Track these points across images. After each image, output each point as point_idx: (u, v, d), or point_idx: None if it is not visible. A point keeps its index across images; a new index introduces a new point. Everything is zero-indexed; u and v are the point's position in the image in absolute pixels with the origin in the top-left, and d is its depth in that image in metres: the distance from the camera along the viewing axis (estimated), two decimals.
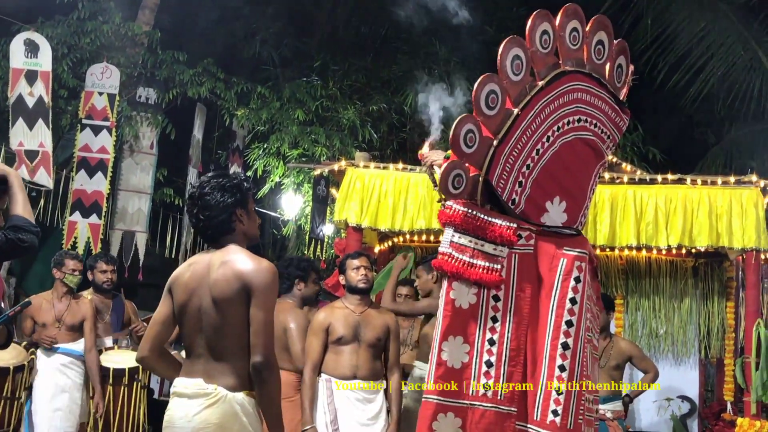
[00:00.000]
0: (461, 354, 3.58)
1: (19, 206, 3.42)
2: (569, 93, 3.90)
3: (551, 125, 3.85)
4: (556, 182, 3.92)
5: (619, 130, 4.17)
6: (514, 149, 3.73)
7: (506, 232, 3.58)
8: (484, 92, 3.62)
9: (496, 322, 3.59)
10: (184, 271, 3.51)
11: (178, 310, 3.47)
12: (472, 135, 3.63)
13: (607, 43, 4.03)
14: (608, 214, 7.23)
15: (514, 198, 3.77)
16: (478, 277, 3.57)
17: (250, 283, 3.31)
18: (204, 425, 3.26)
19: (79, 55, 11.02)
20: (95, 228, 10.37)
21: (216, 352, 3.35)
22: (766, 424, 7.14)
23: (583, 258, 3.62)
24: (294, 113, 12.24)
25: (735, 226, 7.12)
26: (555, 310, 3.54)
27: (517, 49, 3.72)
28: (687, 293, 8.30)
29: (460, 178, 3.66)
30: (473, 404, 3.56)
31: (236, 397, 3.29)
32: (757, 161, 13.43)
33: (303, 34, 14.32)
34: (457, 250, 3.62)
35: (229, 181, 3.49)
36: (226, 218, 3.44)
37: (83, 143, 10.53)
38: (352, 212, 7.45)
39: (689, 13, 11.76)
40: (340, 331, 5.44)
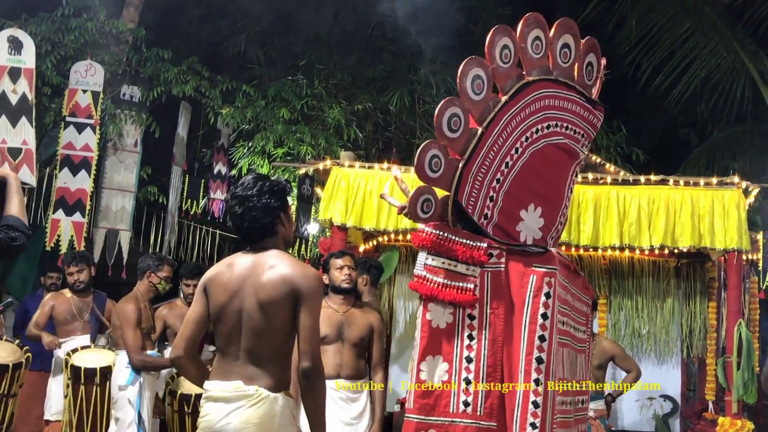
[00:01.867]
0: (441, 373, 3.65)
1: (14, 207, 3.45)
2: (535, 102, 3.95)
3: (519, 136, 3.90)
4: (529, 190, 3.97)
5: (593, 126, 4.22)
6: (482, 166, 3.78)
7: (477, 252, 3.64)
8: (446, 117, 3.66)
9: (473, 339, 3.66)
10: (222, 271, 3.52)
11: (215, 311, 3.47)
12: (437, 160, 3.68)
13: (573, 45, 4.06)
14: (591, 215, 7.27)
15: (486, 212, 3.83)
16: (452, 297, 3.63)
17: (299, 289, 3.35)
18: (244, 425, 3.29)
19: (63, 53, 10.95)
20: (79, 226, 10.32)
21: (255, 355, 3.37)
22: (747, 423, 7.21)
23: (552, 274, 3.70)
24: (279, 112, 12.21)
25: (717, 227, 7.17)
26: (528, 326, 3.63)
27: (477, 69, 3.76)
28: (669, 293, 8.35)
29: (429, 203, 3.72)
30: (454, 421, 3.62)
31: (278, 398, 3.35)
32: (739, 162, 13.55)
33: (288, 33, 14.29)
34: (431, 273, 3.67)
35: (276, 184, 3.54)
36: (271, 221, 3.48)
37: (67, 141, 10.47)
38: (336, 211, 7.46)
39: (673, 15, 11.82)
40: (324, 330, 5.41)
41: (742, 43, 11.64)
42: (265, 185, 3.50)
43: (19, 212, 3.46)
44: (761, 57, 11.66)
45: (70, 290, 7.17)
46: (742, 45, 11.62)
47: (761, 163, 13.59)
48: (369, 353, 5.61)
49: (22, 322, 7.94)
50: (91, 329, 7.08)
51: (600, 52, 4.25)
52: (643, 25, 12.01)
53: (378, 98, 13.07)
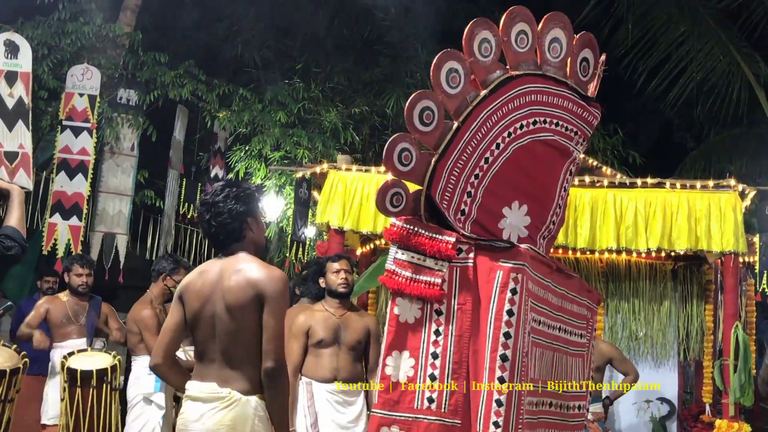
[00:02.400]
0: (407, 368, 3.60)
1: (14, 219, 3.59)
2: (520, 97, 3.86)
3: (500, 132, 3.82)
4: (512, 187, 3.91)
5: (588, 124, 4.13)
6: (458, 161, 3.72)
7: (444, 247, 3.57)
8: (417, 110, 3.60)
9: (439, 335, 3.60)
10: (195, 279, 3.62)
11: (191, 317, 3.58)
12: (408, 153, 3.62)
13: (565, 40, 3.98)
14: (588, 218, 7.28)
15: (464, 208, 3.77)
16: (419, 292, 3.58)
17: (263, 291, 3.43)
18: (217, 427, 3.38)
19: (60, 56, 10.95)
20: (75, 230, 10.31)
21: (229, 358, 3.46)
22: (743, 426, 7.22)
23: (519, 270, 3.58)
24: (276, 115, 12.22)
25: (714, 230, 7.18)
26: (493, 322, 3.53)
27: (452, 62, 3.69)
28: (666, 296, 8.36)
29: (399, 196, 3.66)
30: (417, 417, 3.57)
31: (250, 401, 3.42)
32: (736, 165, 13.56)
33: (285, 36, 14.31)
34: (399, 267, 3.63)
35: (243, 190, 3.62)
36: (238, 226, 3.57)
37: (63, 145, 10.46)
38: (334, 215, 7.46)
39: (669, 18, 11.84)
40: (320, 334, 5.45)
41: (738, 47, 11.66)
42: (232, 191, 3.59)
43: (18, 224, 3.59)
44: (757, 60, 11.69)
45: (70, 291, 7.13)
46: (737, 48, 11.64)
47: (757, 166, 13.62)
48: (366, 356, 5.61)
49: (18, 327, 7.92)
50: (87, 332, 7.06)
51: (597, 48, 4.16)
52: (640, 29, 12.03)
53: (375, 102, 13.08)
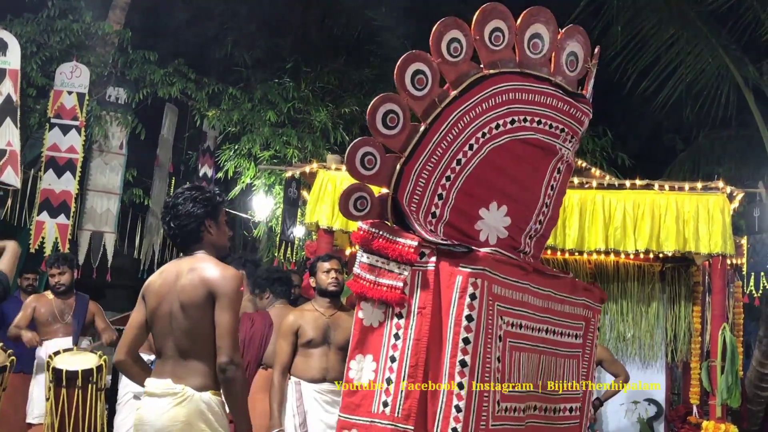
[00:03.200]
0: (369, 372, 3.58)
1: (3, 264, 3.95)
2: (495, 96, 3.78)
3: (474, 132, 3.75)
4: (489, 188, 3.85)
5: (577, 120, 4.04)
6: (427, 164, 3.67)
7: (406, 251, 3.53)
8: (380, 113, 3.56)
9: (398, 339, 3.56)
10: (156, 279, 3.74)
11: (149, 315, 3.68)
12: (371, 157, 3.59)
13: (548, 35, 3.88)
14: (577, 219, 7.27)
15: (434, 211, 3.72)
16: (380, 296, 3.55)
17: (215, 289, 3.52)
18: (172, 423, 3.46)
19: (49, 54, 10.91)
20: (63, 228, 10.27)
21: (184, 354, 3.56)
22: (730, 427, 7.23)
23: (479, 275, 3.52)
24: (266, 115, 12.19)
25: (702, 232, 7.19)
26: (452, 327, 3.49)
27: (417, 64, 3.63)
28: (654, 297, 8.37)
29: (363, 200, 3.63)
30: (373, 421, 3.53)
31: (203, 397, 3.50)
32: (724, 167, 13.60)
33: (275, 36, 14.28)
34: (364, 270, 3.60)
35: (202, 193, 3.72)
36: (195, 228, 3.67)
37: (52, 142, 10.43)
38: (323, 214, 7.43)
39: (658, 20, 11.85)
40: (310, 334, 5.42)
41: (727, 49, 11.69)
42: (191, 194, 3.71)
43: (7, 269, 3.96)
44: (745, 62, 11.72)
45: (52, 292, 7.12)
46: (726, 50, 11.67)
47: (746, 168, 13.66)
48: None
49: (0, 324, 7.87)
50: (73, 331, 7.03)
51: (588, 41, 4.06)
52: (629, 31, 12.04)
53: (365, 101, 13.01)
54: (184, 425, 3.46)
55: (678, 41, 12.01)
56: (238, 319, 3.59)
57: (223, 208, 3.81)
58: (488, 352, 3.53)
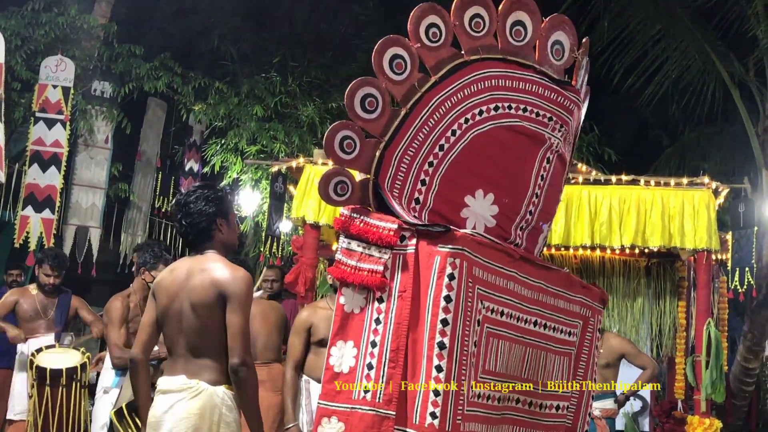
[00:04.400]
0: (349, 358, 3.54)
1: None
2: (477, 82, 3.76)
3: (456, 118, 3.73)
4: (474, 175, 3.80)
5: (565, 109, 3.99)
6: (408, 149, 3.65)
7: (386, 234, 3.49)
8: (358, 97, 3.55)
9: (379, 323, 3.51)
10: (166, 276, 3.79)
11: (161, 313, 3.74)
12: (350, 141, 3.58)
13: (530, 23, 3.85)
14: (563, 214, 7.28)
15: (418, 197, 3.70)
16: (361, 280, 3.51)
17: (226, 290, 3.58)
18: (186, 415, 3.54)
19: (33, 47, 10.84)
20: (48, 223, 10.20)
21: (196, 352, 3.63)
22: (715, 422, 7.27)
23: (458, 255, 3.44)
24: (252, 109, 12.16)
25: (687, 227, 7.23)
26: (431, 309, 3.42)
27: (395, 48, 3.63)
28: (640, 293, 8.41)
29: (344, 185, 3.62)
30: (354, 408, 3.49)
31: (217, 391, 3.58)
32: (710, 163, 13.66)
33: (262, 30, 14.24)
34: (345, 256, 3.56)
35: (214, 192, 3.79)
36: (207, 226, 3.73)
37: (36, 137, 10.36)
38: (309, 209, 7.42)
39: (645, 17, 11.87)
40: (322, 332, 5.32)
41: (713, 45, 11.72)
42: (203, 193, 3.76)
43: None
44: (731, 59, 11.76)
45: (38, 287, 7.05)
46: (712, 47, 11.70)
47: (731, 164, 13.73)
48: None
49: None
50: (55, 327, 6.97)
51: (573, 30, 4.03)
52: (616, 27, 12.06)
53: None
54: (198, 418, 3.54)
55: (664, 37, 12.04)
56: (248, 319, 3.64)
57: (232, 206, 3.85)
58: (466, 335, 3.47)
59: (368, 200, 3.66)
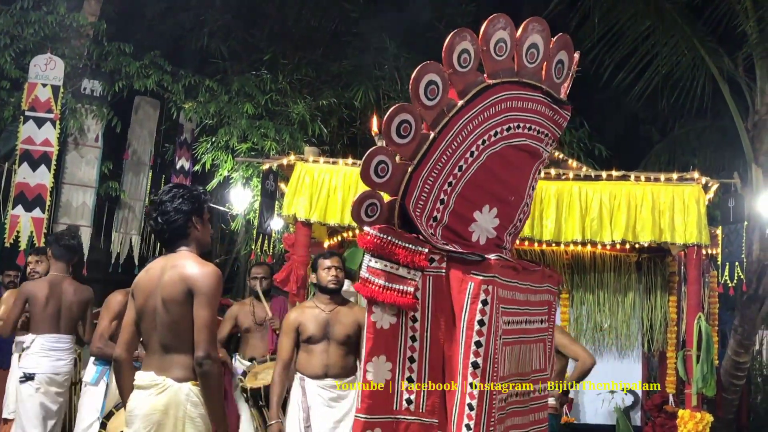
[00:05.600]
0: (385, 372, 3.67)
1: None
2: (496, 105, 3.89)
3: (475, 140, 3.86)
4: (484, 192, 3.96)
5: (558, 126, 4.18)
6: (432, 171, 3.75)
7: (417, 257, 3.64)
8: (395, 123, 3.61)
9: (415, 341, 3.70)
10: (142, 276, 3.92)
11: (138, 311, 3.86)
12: (384, 165, 3.64)
13: (542, 45, 3.98)
14: (554, 210, 7.30)
15: (436, 215, 3.81)
16: (392, 300, 3.63)
17: (194, 285, 3.69)
18: (152, 411, 3.68)
19: (23, 46, 10.81)
20: (38, 222, 10.19)
21: (167, 348, 3.74)
22: (706, 416, 7.30)
23: (490, 282, 3.70)
24: (243, 107, 12.14)
25: (677, 222, 7.25)
26: (465, 331, 3.66)
27: (431, 75, 3.68)
28: (631, 288, 8.43)
29: (374, 207, 3.68)
30: (397, 418, 3.67)
31: (182, 387, 3.69)
32: (699, 158, 13.72)
33: (252, 27, 14.21)
34: (373, 275, 3.65)
35: (189, 191, 3.90)
36: (182, 224, 3.84)
37: (26, 136, 10.34)
38: (301, 207, 7.42)
39: (635, 12, 11.89)
40: (311, 330, 5.58)
41: (702, 41, 11.75)
42: (179, 191, 3.88)
43: None
44: (720, 54, 11.79)
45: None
46: (702, 42, 11.73)
47: (721, 159, 13.79)
48: (358, 350, 5.64)
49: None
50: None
51: (572, 48, 4.17)
52: (606, 23, 12.08)
53: (343, 94, 13.04)
54: (162, 414, 3.66)
55: (654, 33, 12.08)
56: (216, 314, 3.74)
57: (207, 206, 3.96)
58: (496, 353, 3.72)
59: (393, 219, 3.73)
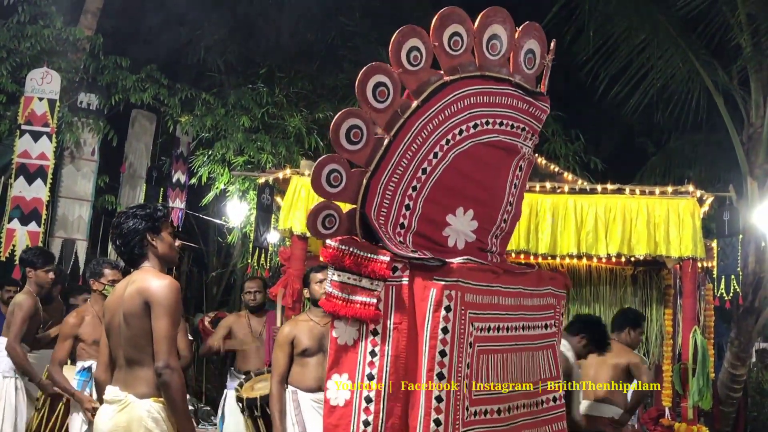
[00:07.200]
0: (345, 391, 3.52)
1: None
2: (457, 102, 3.76)
3: (438, 140, 3.72)
4: (455, 194, 3.82)
5: (535, 118, 4.02)
6: (392, 176, 3.63)
7: (379, 266, 3.49)
8: (343, 129, 3.52)
9: (375, 356, 3.50)
10: (111, 295, 4.02)
11: (105, 329, 3.95)
12: (337, 174, 3.55)
13: (505, 35, 3.84)
14: (549, 223, 7.31)
15: (402, 222, 3.69)
16: (354, 313, 3.49)
17: (150, 297, 3.71)
18: (114, 428, 3.71)
19: (19, 60, 10.81)
20: (34, 235, 10.17)
21: (130, 363, 3.78)
22: (702, 429, 7.29)
23: (453, 287, 3.49)
24: (239, 120, 12.15)
25: (672, 235, 7.25)
26: (428, 341, 3.44)
27: (378, 76, 3.59)
28: (626, 301, 8.44)
29: (332, 218, 3.59)
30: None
31: (143, 404, 3.70)
32: (695, 171, 13.74)
33: (248, 41, 14.23)
34: (336, 288, 3.55)
35: (142, 210, 3.94)
36: (138, 243, 3.88)
37: (22, 149, 10.34)
38: (296, 221, 7.41)
39: (630, 25, 11.94)
40: (305, 343, 5.55)
41: (697, 54, 11.80)
42: (133, 211, 3.94)
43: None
44: (715, 67, 11.83)
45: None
46: (697, 56, 11.77)
47: (716, 172, 13.81)
48: None
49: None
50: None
51: (544, 37, 4.02)
52: (601, 36, 12.12)
53: (339, 107, 13.00)
54: (124, 430, 3.68)
55: (649, 46, 12.12)
56: (176, 325, 3.75)
57: (166, 222, 3.98)
58: (460, 362, 3.50)
59: (355, 230, 3.63)
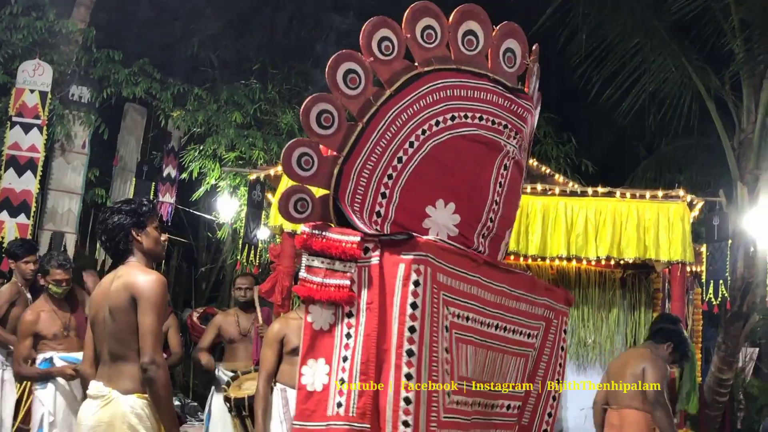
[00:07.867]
0: (322, 376, 3.49)
1: None
2: (432, 93, 3.79)
3: (413, 129, 3.75)
4: (434, 185, 3.82)
5: (518, 117, 4.02)
6: (367, 162, 3.67)
7: (349, 247, 3.46)
8: (314, 113, 3.56)
9: (350, 338, 3.48)
10: (96, 290, 3.98)
11: (91, 324, 3.93)
12: (309, 158, 3.56)
13: (481, 32, 3.87)
14: (540, 225, 7.33)
15: (379, 210, 3.71)
16: (328, 296, 3.48)
17: (136, 292, 3.70)
18: (97, 423, 3.70)
19: (11, 51, 10.77)
20: (23, 228, 10.13)
21: (114, 358, 3.77)
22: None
23: (421, 261, 3.43)
24: (231, 116, 12.13)
25: (662, 239, 7.28)
26: (398, 317, 3.40)
27: (349, 63, 3.63)
28: (615, 304, 8.46)
29: (304, 202, 3.59)
30: (329, 424, 3.43)
31: (127, 400, 3.69)
32: (685, 175, 13.78)
33: (242, 37, 14.22)
34: (310, 274, 3.53)
35: (127, 205, 3.93)
36: (123, 239, 3.87)
37: (13, 141, 10.30)
38: None
39: (623, 29, 11.95)
40: (295, 341, 5.38)
41: (690, 59, 11.82)
42: (118, 206, 3.94)
43: None
44: (708, 72, 11.86)
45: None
46: (689, 60, 11.80)
47: (706, 177, 13.85)
48: None
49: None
50: None
51: (524, 37, 4.03)
52: (594, 39, 12.13)
53: None
54: (107, 426, 3.67)
55: (642, 50, 12.13)
56: (161, 320, 3.75)
57: (152, 216, 3.96)
58: (434, 341, 3.47)
59: (329, 216, 3.64)
